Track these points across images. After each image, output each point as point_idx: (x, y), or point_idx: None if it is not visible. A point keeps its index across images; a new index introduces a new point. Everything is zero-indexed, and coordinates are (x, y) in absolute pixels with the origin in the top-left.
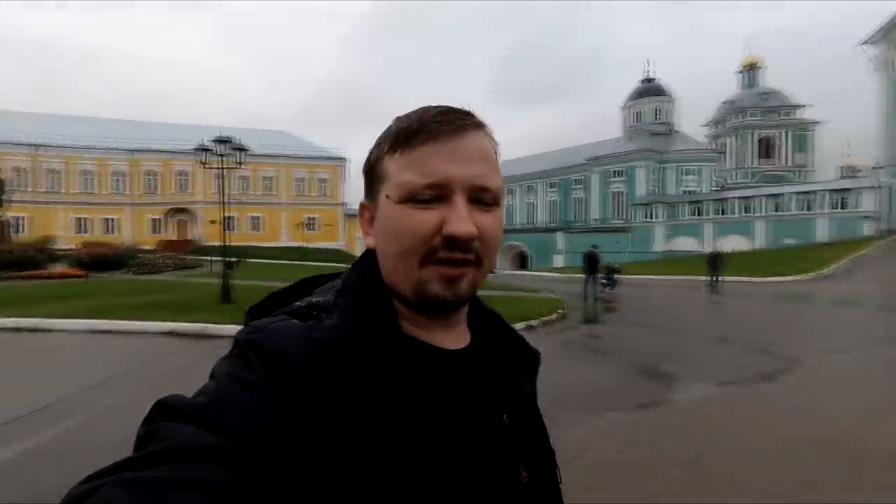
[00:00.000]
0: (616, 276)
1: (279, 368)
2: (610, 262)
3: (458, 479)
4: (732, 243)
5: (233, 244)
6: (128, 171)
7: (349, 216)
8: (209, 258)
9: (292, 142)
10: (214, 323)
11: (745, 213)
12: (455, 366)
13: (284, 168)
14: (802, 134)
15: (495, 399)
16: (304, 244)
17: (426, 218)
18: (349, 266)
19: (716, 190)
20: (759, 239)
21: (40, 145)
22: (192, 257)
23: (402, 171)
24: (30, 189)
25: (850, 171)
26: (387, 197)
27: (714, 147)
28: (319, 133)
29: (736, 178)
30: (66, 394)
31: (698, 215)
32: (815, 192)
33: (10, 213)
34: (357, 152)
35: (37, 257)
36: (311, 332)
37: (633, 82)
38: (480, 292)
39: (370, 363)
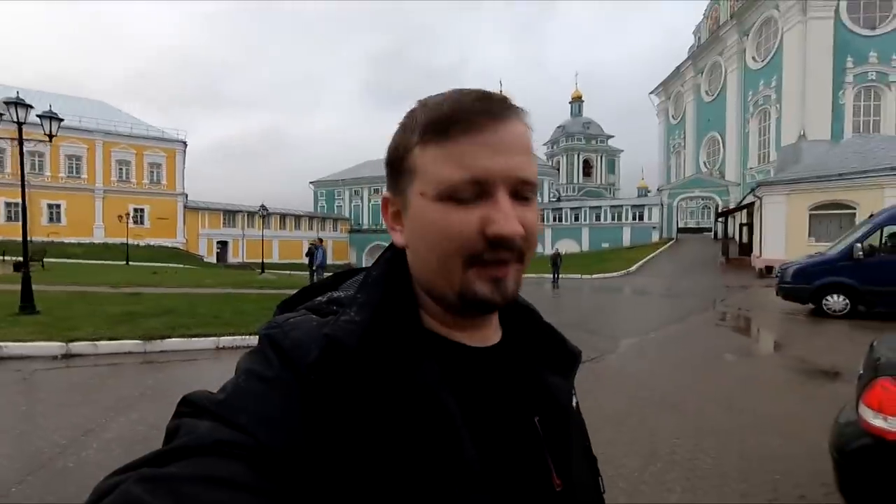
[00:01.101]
0: None
1: (296, 364)
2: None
3: (482, 487)
4: (566, 246)
5: (19, 239)
6: None
7: (190, 209)
8: None
9: (113, 116)
10: (14, 340)
11: (575, 221)
12: (482, 365)
13: (102, 146)
14: (612, 159)
15: (526, 401)
16: (131, 241)
17: (468, 218)
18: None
19: (553, 200)
20: (585, 243)
21: None
22: None
23: (438, 166)
24: None
25: (644, 192)
26: (421, 194)
27: (551, 164)
28: (158, 115)
29: (567, 191)
30: None
31: (541, 222)
32: (621, 206)
33: None
34: (201, 138)
35: None
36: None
37: None
38: None
39: (384, 362)
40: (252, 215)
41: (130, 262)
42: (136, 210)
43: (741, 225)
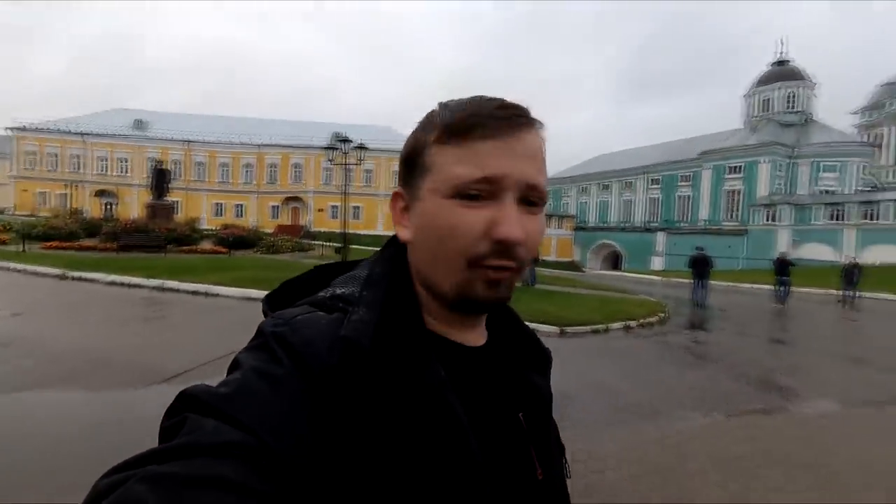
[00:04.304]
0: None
1: (308, 364)
2: (787, 256)
3: (482, 480)
4: (881, 254)
5: (337, 231)
6: (255, 163)
7: None
8: (320, 243)
9: (394, 136)
10: None
11: None
12: (476, 363)
13: (384, 161)
14: None
15: (512, 398)
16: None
17: (476, 218)
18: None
19: (864, 190)
20: None
21: (191, 141)
22: (305, 241)
23: (452, 164)
24: (182, 178)
25: None
26: (432, 190)
27: (866, 139)
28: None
29: (894, 176)
30: (241, 345)
31: (837, 219)
32: None
33: (170, 198)
34: None
35: (192, 235)
36: (338, 326)
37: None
38: (577, 290)
39: (395, 362)
40: None
41: None
42: None
43: None
